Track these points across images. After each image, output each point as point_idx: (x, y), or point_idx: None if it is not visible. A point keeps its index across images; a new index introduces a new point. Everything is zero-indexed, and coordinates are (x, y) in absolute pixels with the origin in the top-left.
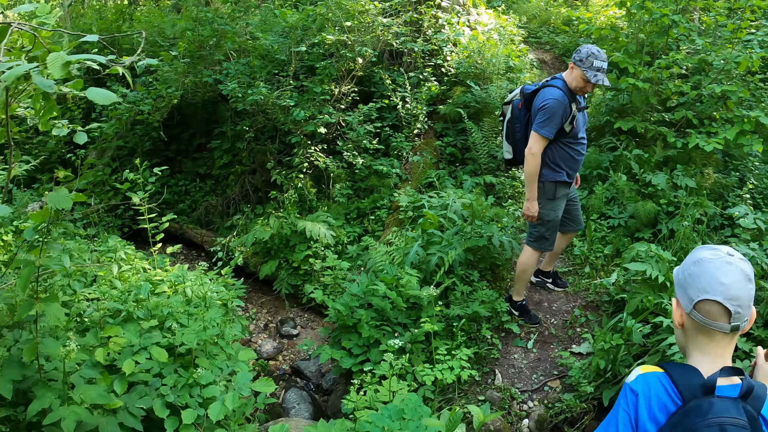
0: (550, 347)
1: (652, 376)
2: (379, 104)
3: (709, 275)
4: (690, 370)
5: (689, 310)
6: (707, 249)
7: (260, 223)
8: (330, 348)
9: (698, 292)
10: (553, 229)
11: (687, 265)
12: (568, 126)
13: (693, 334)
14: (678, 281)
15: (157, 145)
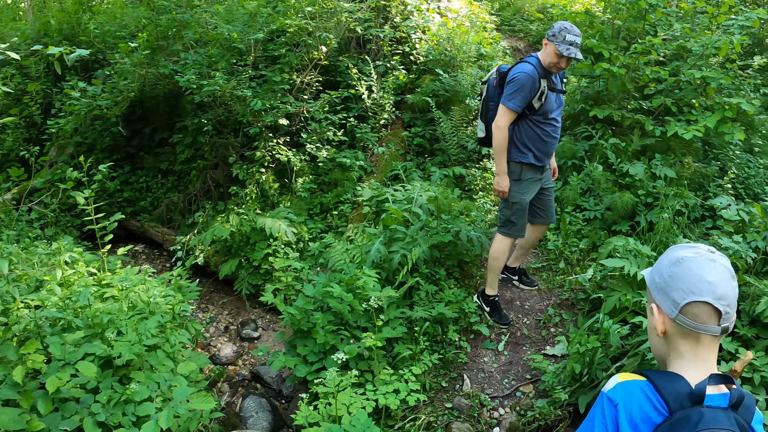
0: (523, 349)
1: (634, 385)
2: (344, 94)
3: (694, 274)
4: (675, 378)
5: (675, 315)
6: (685, 248)
7: (219, 221)
8: (284, 355)
9: (684, 294)
10: (520, 213)
11: (665, 266)
12: (537, 102)
13: (677, 340)
14: (656, 285)
15: (118, 140)
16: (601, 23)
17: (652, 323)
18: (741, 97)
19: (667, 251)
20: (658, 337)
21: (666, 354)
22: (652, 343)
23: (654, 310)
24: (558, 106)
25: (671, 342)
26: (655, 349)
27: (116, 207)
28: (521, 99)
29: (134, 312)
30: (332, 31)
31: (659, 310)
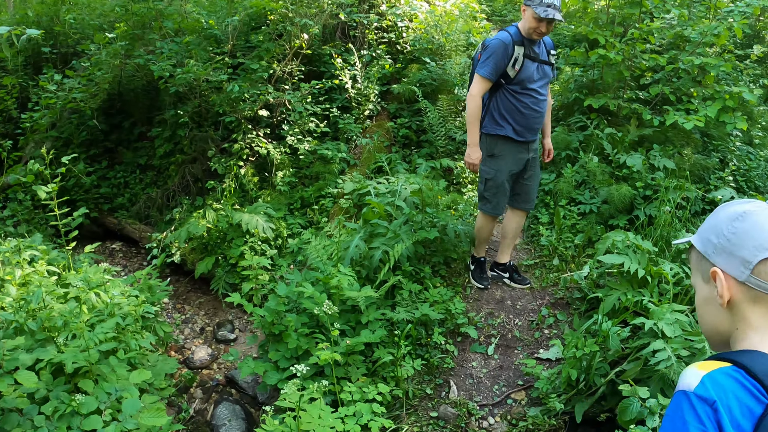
0: (514, 352)
1: (723, 375)
2: (329, 84)
3: (762, 227)
4: (763, 356)
5: (746, 277)
6: (740, 202)
7: (195, 217)
8: (254, 360)
9: (756, 251)
10: (493, 190)
11: (724, 223)
12: (512, 70)
13: (745, 309)
14: (716, 247)
15: (96, 135)
16: (596, 9)
17: (709, 294)
18: (740, 86)
19: (717, 211)
20: (718, 310)
21: (730, 328)
22: (709, 320)
23: (718, 275)
24: (541, 77)
25: (738, 312)
26: (714, 326)
27: (93, 203)
28: (491, 66)
29: (92, 314)
30: (314, 18)
31: (725, 275)
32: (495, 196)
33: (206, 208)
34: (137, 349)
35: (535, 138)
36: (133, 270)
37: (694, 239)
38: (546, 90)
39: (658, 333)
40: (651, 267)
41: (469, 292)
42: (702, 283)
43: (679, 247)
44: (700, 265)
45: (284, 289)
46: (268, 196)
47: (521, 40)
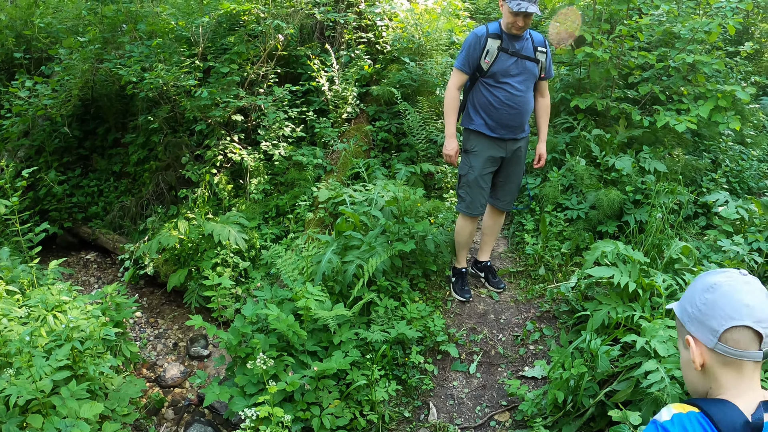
0: (497, 370)
1: (690, 418)
2: (306, 87)
3: (730, 299)
4: (730, 407)
5: (714, 344)
6: (715, 273)
7: (167, 227)
8: (219, 386)
9: (723, 321)
10: (467, 188)
11: (697, 294)
12: (484, 63)
13: (717, 371)
14: (690, 316)
15: (70, 142)
16: (583, 5)
17: (688, 357)
18: (732, 85)
19: (695, 280)
20: (695, 371)
21: (705, 388)
22: (689, 379)
23: (690, 343)
24: (520, 72)
25: (711, 374)
26: (693, 386)
27: (66, 213)
28: (464, 57)
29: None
30: (288, 18)
31: (696, 341)
32: (469, 194)
33: (179, 218)
34: (96, 375)
35: (513, 137)
36: (107, 281)
37: (675, 307)
38: (526, 87)
39: (651, 352)
40: (642, 279)
41: (449, 306)
42: (683, 347)
43: (672, 257)
44: (680, 331)
45: (250, 309)
46: (242, 204)
47: (498, 34)
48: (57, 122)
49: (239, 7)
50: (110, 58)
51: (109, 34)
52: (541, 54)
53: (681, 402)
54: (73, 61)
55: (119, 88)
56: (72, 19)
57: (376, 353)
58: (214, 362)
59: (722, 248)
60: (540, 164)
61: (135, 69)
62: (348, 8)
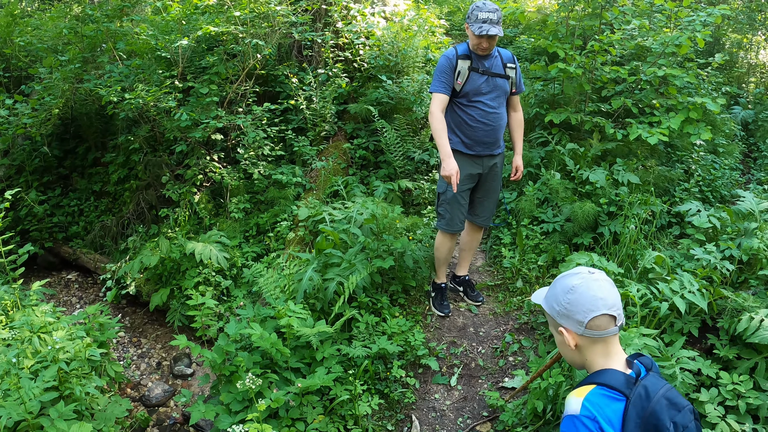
0: (478, 382)
1: (594, 395)
2: (284, 105)
3: (587, 296)
4: (611, 372)
5: (582, 331)
6: (570, 275)
7: (148, 246)
8: (204, 405)
9: (585, 314)
10: (445, 205)
11: (560, 296)
12: (457, 84)
13: (589, 347)
14: (559, 313)
15: (50, 161)
16: (555, 22)
17: (565, 342)
18: (704, 96)
19: (556, 282)
20: (572, 350)
21: (582, 360)
22: (568, 356)
23: (563, 332)
24: (491, 90)
25: (585, 350)
26: (572, 360)
27: (47, 233)
28: (439, 81)
29: (35, 360)
30: (266, 38)
31: (568, 330)
32: (448, 212)
33: (160, 238)
34: (83, 395)
35: (490, 153)
36: (89, 301)
37: (544, 304)
38: (498, 103)
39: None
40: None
41: (429, 321)
42: (555, 332)
43: (645, 266)
44: (551, 321)
45: (233, 327)
46: (223, 223)
47: (468, 55)
48: (37, 141)
49: (219, 29)
50: (90, 78)
51: (89, 53)
52: (511, 70)
53: (575, 389)
54: (53, 80)
55: (99, 107)
56: (52, 38)
57: (359, 368)
58: (198, 381)
59: (695, 256)
60: (517, 177)
61: (115, 89)
62: (325, 27)
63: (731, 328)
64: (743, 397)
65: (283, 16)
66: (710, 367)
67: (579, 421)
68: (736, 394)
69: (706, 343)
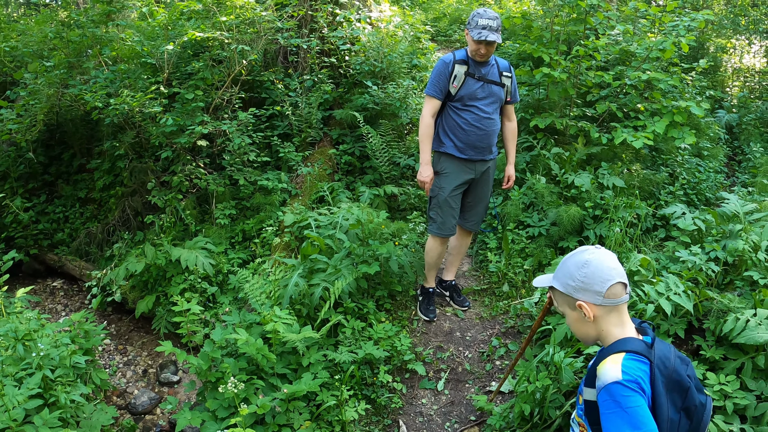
0: (465, 386)
1: (628, 361)
2: (270, 111)
3: (602, 267)
4: (633, 341)
5: (601, 301)
6: (580, 252)
7: (133, 253)
8: (190, 411)
9: (603, 283)
10: (437, 209)
11: (574, 272)
12: (452, 87)
13: (606, 317)
14: (576, 287)
15: (35, 167)
16: (540, 27)
17: (580, 316)
18: (688, 100)
19: (566, 261)
20: (588, 323)
21: (597, 332)
22: (581, 331)
23: (583, 306)
24: (487, 96)
25: (602, 321)
26: (585, 335)
27: (32, 240)
28: (435, 84)
29: (20, 367)
30: (252, 44)
31: (587, 303)
32: (440, 215)
33: (145, 244)
34: (68, 403)
35: (482, 158)
36: (74, 309)
37: (555, 284)
38: (493, 109)
39: None
40: None
41: (416, 326)
42: (570, 310)
43: (631, 269)
44: (565, 299)
45: (219, 334)
46: (209, 229)
47: (465, 60)
48: (22, 147)
49: (204, 34)
50: (75, 83)
51: (74, 58)
52: (507, 78)
53: (606, 357)
54: (39, 85)
55: (84, 113)
56: (38, 43)
57: (345, 374)
58: (184, 387)
59: (680, 259)
60: (508, 185)
61: (100, 94)
62: (311, 33)
63: (717, 329)
64: (730, 398)
65: (268, 22)
66: (697, 368)
67: (624, 385)
68: (724, 395)
69: (692, 344)
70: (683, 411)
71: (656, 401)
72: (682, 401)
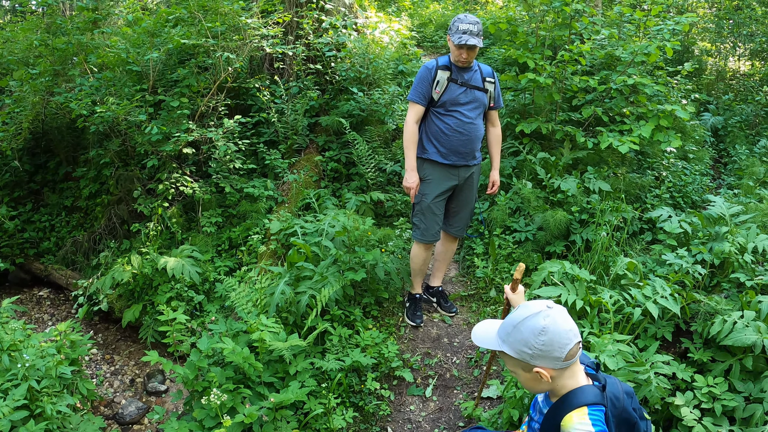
0: (453, 393)
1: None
2: (256, 118)
3: (559, 333)
4: (588, 390)
5: (560, 365)
6: (533, 317)
7: (119, 262)
8: (177, 421)
9: (562, 349)
10: (420, 216)
11: (531, 340)
12: (435, 93)
13: (562, 375)
14: (533, 355)
15: (20, 175)
16: (525, 32)
17: (535, 377)
18: (673, 104)
19: (519, 327)
20: (543, 382)
21: (554, 386)
22: (536, 389)
23: (540, 372)
24: (470, 101)
25: (558, 378)
26: (540, 389)
27: (18, 249)
28: (418, 90)
29: (5, 378)
30: (237, 51)
31: (545, 369)
32: (423, 222)
33: (132, 253)
34: (54, 414)
35: (465, 164)
36: (61, 318)
37: (506, 349)
38: (476, 114)
39: (601, 367)
40: (590, 296)
41: (403, 332)
42: (523, 372)
43: (618, 273)
44: (518, 363)
45: (205, 343)
46: (195, 237)
47: (448, 66)
48: (7, 156)
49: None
50: (61, 91)
51: (60, 66)
52: (490, 84)
53: (569, 413)
54: (24, 93)
55: (70, 121)
56: (23, 50)
57: (332, 382)
58: (171, 397)
59: (667, 261)
60: (493, 191)
61: (86, 102)
62: (297, 40)
63: (705, 332)
64: (719, 400)
65: (254, 29)
66: (685, 370)
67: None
68: (712, 397)
69: (680, 347)
70: None
71: None
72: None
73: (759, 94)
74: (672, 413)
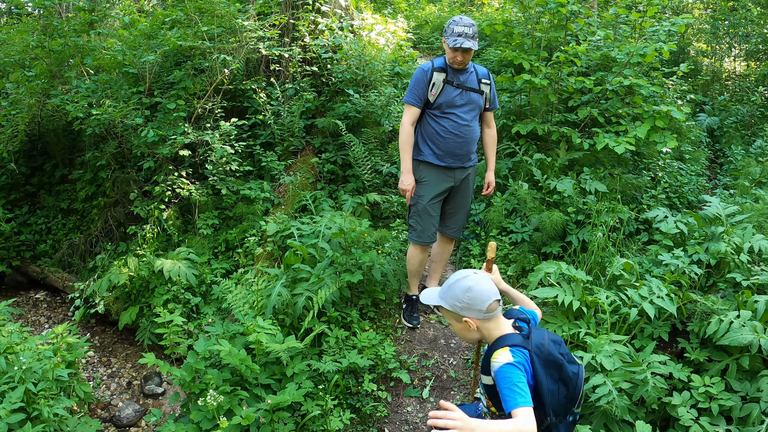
0: (450, 394)
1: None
2: (253, 120)
3: (482, 290)
4: (511, 336)
5: (482, 316)
6: (462, 278)
7: (116, 265)
8: (174, 423)
9: (483, 303)
10: (416, 217)
11: (461, 295)
12: (431, 95)
13: (486, 326)
14: (462, 308)
15: (16, 178)
16: (521, 34)
17: (465, 326)
18: (669, 105)
19: (452, 285)
20: (472, 331)
21: (481, 335)
22: (467, 337)
23: (468, 321)
24: (465, 103)
25: (482, 328)
26: (471, 338)
27: (14, 251)
28: (414, 92)
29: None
30: (234, 53)
31: (472, 319)
32: (419, 223)
33: (128, 255)
34: (51, 417)
35: (461, 165)
36: (57, 321)
37: (443, 303)
38: (471, 116)
39: (597, 367)
40: (586, 297)
41: (400, 333)
42: (456, 322)
43: (614, 273)
44: (452, 315)
45: (202, 345)
46: (192, 239)
47: (444, 68)
48: (4, 158)
49: (186, 43)
50: (57, 93)
51: (56, 68)
52: (485, 86)
53: (496, 351)
54: (20, 95)
55: (66, 123)
56: (19, 52)
57: (329, 383)
58: (168, 399)
59: (663, 262)
60: (488, 192)
61: (82, 104)
62: (293, 42)
63: (701, 332)
64: (715, 399)
65: (250, 31)
66: (681, 370)
67: (514, 366)
68: (709, 397)
69: (676, 347)
70: (560, 381)
71: (537, 378)
72: (559, 374)
73: (754, 94)
74: (669, 413)
